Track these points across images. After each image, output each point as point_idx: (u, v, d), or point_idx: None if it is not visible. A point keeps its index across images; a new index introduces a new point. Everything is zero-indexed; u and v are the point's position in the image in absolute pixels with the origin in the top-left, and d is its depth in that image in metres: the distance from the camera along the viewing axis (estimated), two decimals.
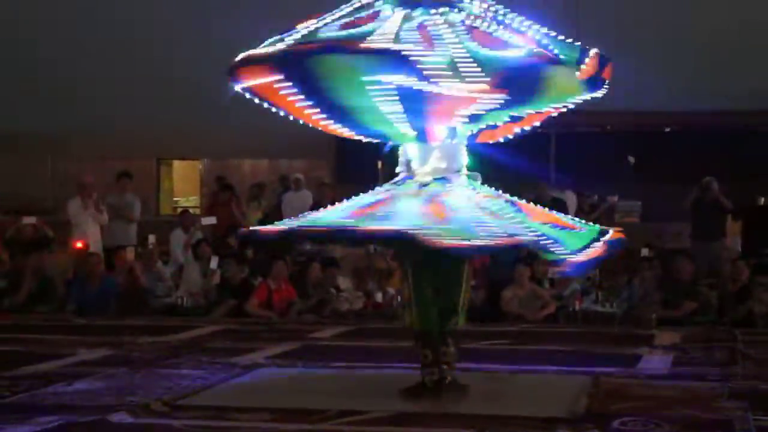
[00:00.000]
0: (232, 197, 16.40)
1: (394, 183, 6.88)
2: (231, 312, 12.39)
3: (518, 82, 6.26)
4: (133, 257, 13.86)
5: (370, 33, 6.33)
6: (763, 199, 17.97)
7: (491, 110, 6.51)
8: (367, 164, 16.65)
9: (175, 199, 24.33)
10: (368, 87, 6.25)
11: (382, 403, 6.43)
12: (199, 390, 7.11)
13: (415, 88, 6.18)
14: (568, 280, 12.40)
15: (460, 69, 6.15)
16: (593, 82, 6.54)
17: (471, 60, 6.17)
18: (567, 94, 6.62)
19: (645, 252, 13.26)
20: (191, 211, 18.74)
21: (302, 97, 6.50)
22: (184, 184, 24.64)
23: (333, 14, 6.68)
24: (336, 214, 6.65)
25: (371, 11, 6.64)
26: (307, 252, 13.97)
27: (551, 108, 6.86)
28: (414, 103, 6.35)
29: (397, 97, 6.30)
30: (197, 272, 13.36)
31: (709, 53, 17.97)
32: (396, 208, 6.39)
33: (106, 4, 19.84)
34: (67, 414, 6.19)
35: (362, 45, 6.20)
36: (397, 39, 6.26)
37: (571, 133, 19.20)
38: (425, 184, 6.71)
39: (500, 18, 6.60)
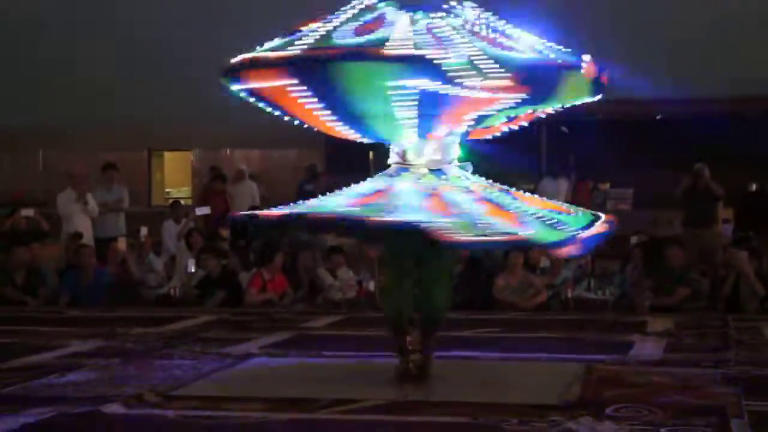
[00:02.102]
0: (226, 188, 16.39)
1: (389, 174, 6.89)
2: (223, 302, 12.40)
3: (539, 82, 6.35)
4: (125, 248, 13.85)
5: (386, 39, 6.35)
6: (754, 186, 18.02)
7: (502, 110, 6.58)
8: (359, 154, 16.62)
9: (166, 190, 24.31)
10: (390, 93, 6.27)
11: (376, 392, 6.44)
12: (193, 380, 7.12)
13: (438, 91, 6.21)
14: (560, 268, 12.42)
15: (481, 67, 6.18)
16: (597, 87, 6.68)
17: (488, 58, 6.23)
18: (574, 96, 6.72)
19: (634, 239, 13.28)
20: (183, 201, 18.73)
21: (315, 101, 6.49)
22: (175, 175, 24.62)
23: (338, 18, 6.67)
24: (336, 202, 6.65)
25: (376, 14, 6.68)
26: (299, 241, 13.93)
27: (553, 108, 6.93)
28: (432, 106, 6.39)
29: (417, 102, 6.32)
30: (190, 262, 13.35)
31: (698, 41, 18.02)
32: (399, 202, 6.40)
33: (103, 1, 19.86)
34: (60, 405, 6.18)
35: (389, 52, 6.21)
36: (416, 44, 6.30)
37: (560, 122, 19.21)
38: (420, 177, 6.74)
39: (493, 25, 6.66)
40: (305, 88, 6.41)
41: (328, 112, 6.62)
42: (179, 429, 5.73)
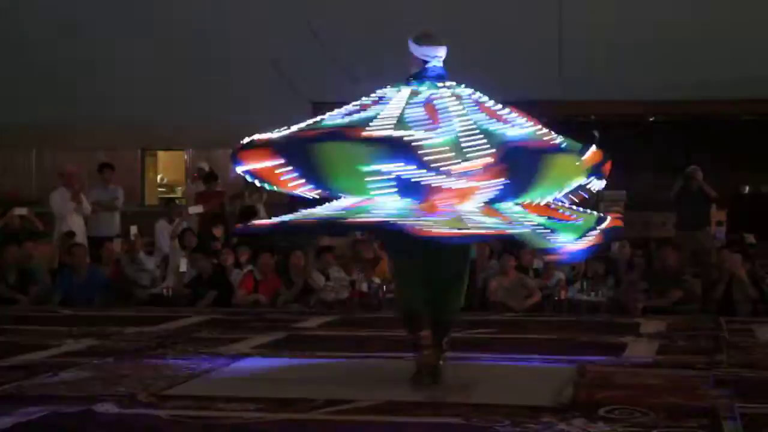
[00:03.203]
0: (220, 190, 16.37)
1: None
2: (215, 302, 12.39)
3: (519, 163, 6.18)
4: (120, 249, 13.84)
5: (373, 117, 6.28)
6: (747, 188, 18.06)
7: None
8: None
9: (160, 189, 24.26)
10: (367, 177, 6.16)
11: (369, 392, 6.44)
12: (186, 380, 7.11)
13: (413, 179, 6.06)
14: (553, 270, 12.43)
15: (463, 144, 6.09)
16: (594, 173, 6.63)
17: (479, 133, 6.20)
18: (566, 180, 6.59)
19: (615, 246, 13.29)
20: (176, 201, 18.70)
21: (302, 181, 6.51)
22: (169, 175, 24.57)
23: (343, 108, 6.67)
24: (328, 208, 6.64)
25: (377, 96, 6.65)
26: (293, 241, 13.89)
27: (550, 196, 6.72)
28: (412, 194, 6.23)
29: (396, 189, 6.19)
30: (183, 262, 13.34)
31: (692, 43, 18.03)
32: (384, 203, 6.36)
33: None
34: (53, 405, 6.17)
35: (362, 132, 6.12)
36: (400, 122, 6.20)
37: (555, 123, 19.18)
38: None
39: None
40: (291, 168, 6.42)
41: (315, 189, 6.66)
42: (172, 429, 5.72)
